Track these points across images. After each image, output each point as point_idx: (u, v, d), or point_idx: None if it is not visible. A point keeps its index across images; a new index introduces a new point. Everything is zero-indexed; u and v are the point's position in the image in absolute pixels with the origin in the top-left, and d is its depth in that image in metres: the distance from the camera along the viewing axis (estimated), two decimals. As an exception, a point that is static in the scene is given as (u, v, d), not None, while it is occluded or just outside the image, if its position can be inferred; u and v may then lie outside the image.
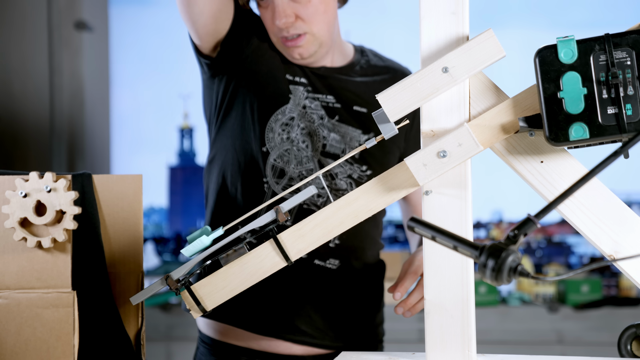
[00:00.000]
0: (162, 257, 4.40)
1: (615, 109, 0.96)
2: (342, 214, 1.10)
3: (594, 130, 0.97)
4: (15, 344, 1.08)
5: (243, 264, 1.13)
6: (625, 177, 3.76)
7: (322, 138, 1.64)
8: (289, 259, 1.11)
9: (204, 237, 1.12)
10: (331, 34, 1.65)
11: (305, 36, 1.61)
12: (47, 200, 1.08)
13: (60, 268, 1.11)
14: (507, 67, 1.04)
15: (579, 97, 0.97)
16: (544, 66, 0.98)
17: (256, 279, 1.13)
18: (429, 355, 1.09)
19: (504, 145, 1.06)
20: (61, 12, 3.75)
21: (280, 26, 1.59)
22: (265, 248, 1.12)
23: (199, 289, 1.13)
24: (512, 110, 1.03)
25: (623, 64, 0.96)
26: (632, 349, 1.10)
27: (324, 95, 1.67)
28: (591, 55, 0.97)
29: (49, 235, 1.09)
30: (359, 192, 1.09)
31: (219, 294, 1.14)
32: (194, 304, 1.13)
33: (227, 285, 1.13)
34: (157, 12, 4.06)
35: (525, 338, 3.33)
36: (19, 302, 1.09)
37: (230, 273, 1.13)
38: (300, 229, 1.11)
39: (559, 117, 0.98)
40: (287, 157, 1.63)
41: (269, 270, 1.13)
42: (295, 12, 1.59)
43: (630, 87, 0.95)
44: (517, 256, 0.84)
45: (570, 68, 0.98)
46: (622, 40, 0.96)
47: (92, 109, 3.95)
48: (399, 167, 1.08)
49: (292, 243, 1.11)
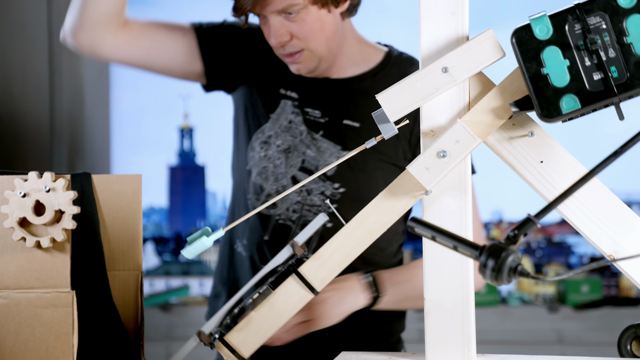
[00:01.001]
0: (162, 257, 4.39)
1: (601, 73, 0.96)
2: (357, 235, 1.10)
3: (585, 99, 0.97)
4: (14, 343, 1.08)
5: (271, 304, 1.13)
6: (625, 177, 3.76)
7: (302, 154, 1.64)
8: (315, 290, 1.11)
9: (204, 238, 1.12)
10: (332, 48, 1.62)
11: (303, 53, 1.59)
12: (46, 200, 1.08)
13: (59, 268, 1.10)
14: (507, 67, 1.04)
15: (563, 70, 0.97)
16: (522, 46, 0.98)
17: (287, 317, 1.13)
18: (428, 355, 1.09)
19: (504, 146, 1.06)
20: (61, 12, 3.74)
21: (275, 45, 1.58)
22: (289, 284, 1.12)
23: (233, 339, 1.13)
24: (501, 97, 1.03)
25: (599, 28, 0.96)
26: (632, 349, 1.10)
27: (311, 109, 1.66)
28: (566, 26, 0.97)
29: (48, 235, 1.09)
30: (369, 209, 1.09)
31: (253, 339, 1.13)
32: (230, 354, 1.13)
33: (259, 329, 1.13)
34: (157, 12, 4.05)
35: (525, 338, 3.33)
36: (18, 302, 1.09)
37: (260, 316, 1.13)
38: (319, 258, 1.11)
39: (547, 93, 0.98)
40: (265, 174, 1.66)
41: (297, 306, 1.12)
42: (290, 31, 1.56)
43: (611, 50, 0.95)
44: (517, 256, 0.84)
45: (548, 43, 0.98)
46: (593, 5, 0.96)
47: (92, 109, 3.94)
48: (402, 177, 1.08)
49: (315, 273, 1.11)
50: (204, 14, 1.80)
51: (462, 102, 1.06)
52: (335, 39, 1.62)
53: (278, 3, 1.54)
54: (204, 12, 3.93)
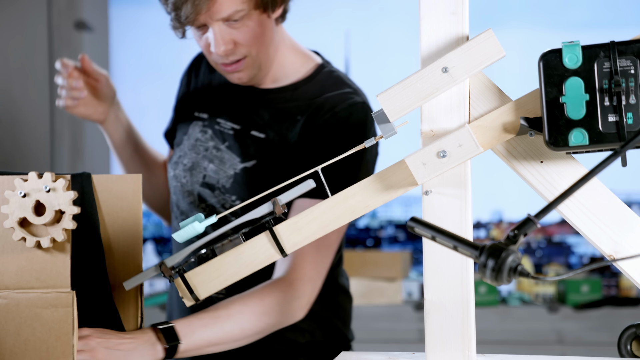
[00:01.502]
0: (162, 257, 4.40)
1: (616, 116, 0.96)
2: (339, 209, 1.10)
3: (594, 137, 0.97)
4: (14, 344, 1.08)
5: (238, 254, 1.13)
6: (625, 177, 3.75)
7: (203, 169, 1.67)
8: (284, 252, 1.11)
9: (197, 223, 1.12)
10: (269, 55, 1.63)
11: (245, 60, 1.59)
12: (46, 200, 1.08)
13: (60, 268, 1.11)
14: (507, 67, 1.04)
15: (581, 103, 0.97)
16: (548, 70, 0.98)
17: (250, 270, 1.13)
18: (428, 355, 1.09)
19: (504, 146, 1.06)
20: (61, 12, 3.75)
21: (220, 54, 1.57)
22: (260, 239, 1.12)
23: (193, 277, 1.14)
24: (514, 113, 1.03)
25: (627, 72, 0.96)
26: (632, 349, 1.10)
27: (224, 120, 1.68)
28: (595, 61, 0.97)
29: (48, 235, 1.09)
30: (357, 188, 1.09)
31: (213, 283, 1.14)
32: (187, 292, 1.13)
33: (220, 275, 1.13)
34: (157, 12, 4.05)
35: (525, 338, 3.33)
36: (18, 302, 1.09)
37: (224, 263, 1.13)
38: (296, 222, 1.11)
39: (560, 122, 0.98)
40: (177, 193, 1.71)
41: (263, 262, 1.13)
42: (233, 39, 1.56)
43: (633, 96, 0.95)
44: (517, 256, 0.84)
45: (574, 73, 0.97)
46: (627, 48, 0.96)
47: (92, 109, 3.94)
48: (398, 165, 1.08)
49: (288, 236, 1.11)
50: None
51: (462, 102, 1.06)
52: (273, 45, 1.63)
53: (224, 10, 1.53)
54: (204, 12, 3.93)
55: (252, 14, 1.55)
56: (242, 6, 1.53)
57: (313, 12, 3.95)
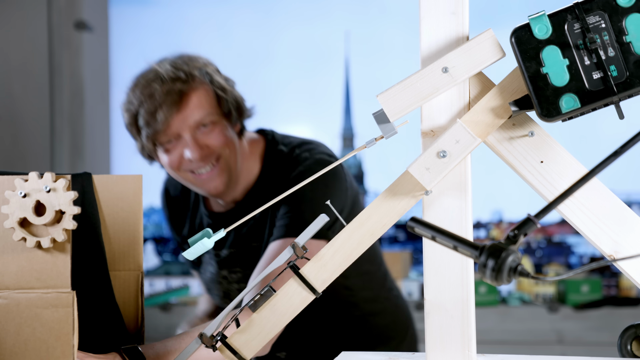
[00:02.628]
0: (162, 257, 4.40)
1: (600, 72, 0.96)
2: (357, 236, 1.09)
3: (584, 98, 0.97)
4: (14, 344, 1.08)
5: (272, 305, 1.12)
6: (625, 177, 3.76)
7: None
8: (316, 291, 1.11)
9: (206, 239, 1.12)
10: (238, 161, 1.73)
11: (219, 165, 1.70)
12: (47, 200, 1.08)
13: (60, 268, 1.10)
14: (507, 67, 1.04)
15: (562, 69, 0.97)
16: (522, 45, 0.98)
17: (288, 318, 1.12)
18: (429, 355, 1.09)
19: (504, 146, 1.06)
20: (61, 12, 3.75)
21: (196, 158, 1.67)
22: (290, 286, 1.11)
23: (235, 341, 1.12)
24: (501, 96, 1.03)
25: (598, 27, 0.96)
26: (632, 349, 1.10)
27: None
28: (565, 25, 0.97)
29: (48, 235, 1.09)
30: (370, 210, 1.09)
31: (255, 341, 1.12)
32: (232, 356, 1.12)
33: (261, 331, 1.12)
34: (157, 12, 4.05)
35: (525, 338, 3.33)
36: (18, 302, 1.09)
37: (262, 317, 1.12)
38: (320, 259, 1.10)
39: (547, 92, 0.98)
40: None
41: (299, 307, 1.12)
42: (206, 142, 1.67)
43: (610, 49, 0.96)
44: (517, 256, 0.84)
45: (548, 42, 0.98)
46: (592, 5, 0.96)
47: (92, 109, 3.94)
48: (403, 177, 1.08)
49: (316, 275, 1.11)
50: (204, 14, 1.80)
51: (462, 102, 1.06)
52: (240, 155, 1.75)
53: (195, 114, 1.66)
54: (204, 11, 3.93)
55: (220, 120, 1.69)
56: (210, 110, 1.68)
57: (313, 14, 3.95)
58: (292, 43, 4.05)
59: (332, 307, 1.83)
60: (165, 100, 1.64)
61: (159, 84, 1.65)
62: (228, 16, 3.66)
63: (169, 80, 1.66)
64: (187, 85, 1.66)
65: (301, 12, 3.73)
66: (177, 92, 1.65)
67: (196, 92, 1.67)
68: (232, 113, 1.71)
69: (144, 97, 1.66)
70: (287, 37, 4.04)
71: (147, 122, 1.66)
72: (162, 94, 1.65)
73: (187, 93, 1.66)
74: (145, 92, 1.66)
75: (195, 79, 1.68)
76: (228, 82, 1.73)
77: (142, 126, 1.68)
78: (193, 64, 1.70)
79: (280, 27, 4.02)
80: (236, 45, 4.05)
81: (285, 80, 4.10)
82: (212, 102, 1.69)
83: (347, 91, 4.30)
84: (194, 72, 1.68)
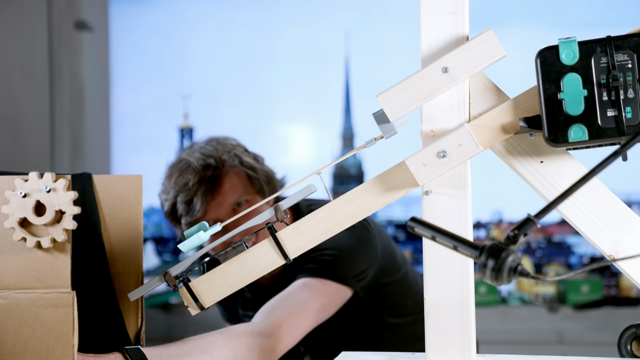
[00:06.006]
0: (162, 257, 4.39)
1: (615, 111, 0.96)
2: (341, 213, 1.10)
3: (593, 132, 0.97)
4: (14, 344, 1.08)
5: (241, 261, 1.13)
6: (625, 177, 3.75)
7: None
8: (288, 257, 1.11)
9: (202, 232, 1.12)
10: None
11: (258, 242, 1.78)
12: (47, 201, 1.08)
13: (60, 268, 1.10)
14: (507, 67, 1.04)
15: (579, 99, 0.97)
16: (545, 67, 0.98)
17: (254, 276, 1.13)
18: (428, 355, 1.09)
19: (504, 146, 1.06)
20: (61, 12, 3.75)
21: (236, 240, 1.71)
22: (263, 246, 1.12)
23: (197, 286, 1.14)
24: (513, 111, 1.03)
25: (624, 66, 0.96)
26: (632, 349, 1.10)
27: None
28: (592, 57, 0.97)
29: (48, 235, 1.09)
30: (359, 191, 1.09)
31: (217, 290, 1.14)
32: (192, 300, 1.14)
33: (225, 282, 1.13)
34: (157, 12, 4.06)
35: (525, 338, 3.33)
36: (18, 302, 1.09)
37: (228, 270, 1.13)
38: (299, 227, 1.11)
39: (559, 118, 0.98)
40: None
41: (267, 268, 1.13)
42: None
43: (631, 90, 0.95)
44: (517, 256, 0.84)
45: (571, 69, 0.98)
46: (623, 42, 0.96)
47: (92, 109, 3.94)
48: (398, 167, 1.08)
49: (291, 241, 1.11)
50: (204, 14, 1.80)
51: (462, 102, 1.06)
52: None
53: (230, 198, 1.71)
54: (204, 11, 3.94)
55: (254, 197, 1.73)
56: (243, 190, 1.71)
57: (313, 14, 3.95)
58: (292, 43, 4.06)
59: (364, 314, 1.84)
60: (199, 188, 1.70)
61: (192, 174, 1.71)
62: (228, 16, 3.65)
63: (201, 169, 1.71)
64: (218, 171, 1.72)
65: (301, 12, 3.73)
66: (210, 179, 1.71)
67: (227, 176, 1.72)
68: (264, 189, 1.75)
69: (179, 187, 1.72)
70: (287, 37, 4.04)
71: (185, 211, 1.72)
72: (196, 183, 1.70)
73: (220, 179, 1.72)
74: (179, 183, 1.72)
75: (225, 164, 1.73)
76: (257, 160, 1.78)
77: (182, 214, 1.73)
78: (222, 149, 1.74)
79: (280, 27, 4.02)
80: (236, 45, 4.05)
81: (285, 80, 4.10)
82: (245, 182, 1.73)
83: (347, 91, 4.31)
84: (223, 156, 1.73)
